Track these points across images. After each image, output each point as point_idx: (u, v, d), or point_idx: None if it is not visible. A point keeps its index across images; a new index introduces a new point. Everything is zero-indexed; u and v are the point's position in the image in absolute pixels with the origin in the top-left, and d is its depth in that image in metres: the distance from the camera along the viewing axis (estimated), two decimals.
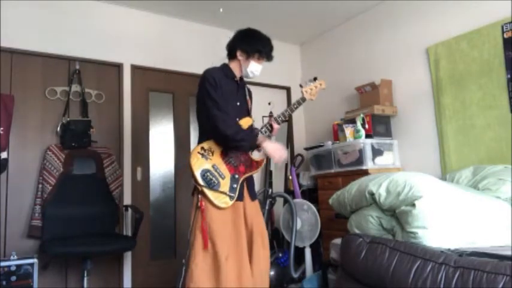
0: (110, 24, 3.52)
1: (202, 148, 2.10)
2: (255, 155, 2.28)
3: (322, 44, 4.44)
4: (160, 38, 3.78)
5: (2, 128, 2.78)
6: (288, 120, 4.42)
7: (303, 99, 2.40)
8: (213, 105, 2.08)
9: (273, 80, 4.38)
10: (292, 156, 4.23)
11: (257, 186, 4.15)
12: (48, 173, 2.98)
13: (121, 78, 3.52)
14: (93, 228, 2.96)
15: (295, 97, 4.55)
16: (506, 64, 2.74)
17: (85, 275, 2.78)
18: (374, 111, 3.36)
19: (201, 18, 3.84)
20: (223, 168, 2.10)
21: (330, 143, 3.61)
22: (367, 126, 3.35)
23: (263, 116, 4.01)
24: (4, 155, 2.81)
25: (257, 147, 2.20)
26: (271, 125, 2.27)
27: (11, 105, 2.90)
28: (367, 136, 3.33)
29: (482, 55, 2.89)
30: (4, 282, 2.59)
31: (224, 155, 2.12)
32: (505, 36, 2.76)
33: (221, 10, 3.58)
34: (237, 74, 2.29)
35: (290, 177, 3.97)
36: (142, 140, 3.58)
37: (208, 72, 2.19)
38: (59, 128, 3.15)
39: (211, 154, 2.09)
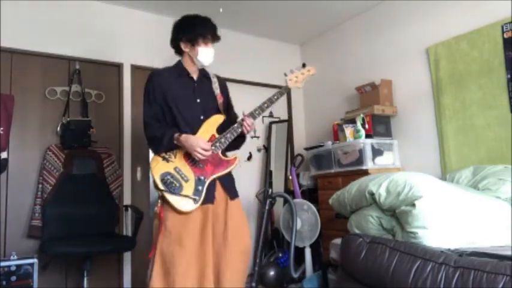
0: (110, 24, 3.52)
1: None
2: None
3: (322, 44, 4.44)
4: (160, 38, 3.74)
5: (2, 128, 2.78)
6: (288, 120, 4.42)
7: (286, 89, 2.26)
8: (143, 113, 2.11)
9: (273, 80, 4.38)
10: (292, 156, 4.23)
11: (257, 186, 4.18)
12: (48, 173, 2.98)
13: (121, 78, 3.52)
14: (93, 228, 2.96)
15: (295, 97, 4.56)
16: (506, 64, 2.74)
17: (85, 275, 2.78)
18: (374, 111, 3.36)
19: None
20: (187, 170, 1.97)
21: (330, 143, 3.60)
22: (367, 126, 3.35)
23: (263, 116, 4.01)
24: (4, 155, 2.81)
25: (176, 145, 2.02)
26: (242, 120, 2.09)
27: (11, 105, 2.89)
28: (367, 136, 3.33)
29: (482, 55, 2.89)
30: (4, 282, 2.59)
31: (188, 156, 1.99)
32: (505, 36, 2.76)
33: (221, 10, 3.58)
34: (191, 69, 2.16)
35: (290, 177, 3.97)
36: (142, 140, 3.55)
37: (152, 75, 2.14)
38: (59, 128, 3.15)
39: (173, 156, 1.98)
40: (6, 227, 2.91)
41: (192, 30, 2.11)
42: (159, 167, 1.95)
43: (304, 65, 2.32)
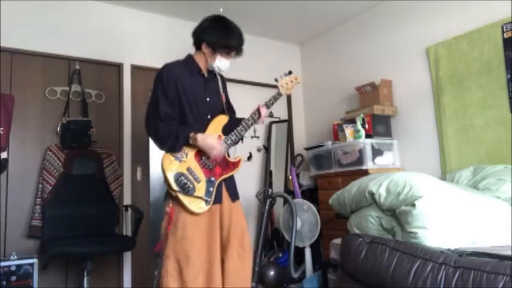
0: (110, 24, 3.52)
1: None
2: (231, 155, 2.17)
3: (322, 44, 4.44)
4: (160, 38, 3.78)
5: (2, 128, 2.78)
6: (288, 120, 4.42)
7: (279, 94, 2.24)
8: (154, 110, 1.98)
9: (273, 80, 4.38)
10: (292, 156, 4.23)
11: (257, 186, 4.18)
12: (48, 173, 2.98)
13: (121, 78, 3.52)
14: (93, 228, 2.96)
15: (295, 97, 4.56)
16: (506, 64, 2.74)
17: (85, 275, 2.78)
18: (374, 111, 3.36)
19: (201, 18, 3.83)
20: (199, 171, 1.97)
21: (330, 143, 3.60)
22: (367, 126, 3.35)
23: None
24: (4, 155, 2.82)
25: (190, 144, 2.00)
26: (259, 112, 2.12)
27: (11, 105, 2.90)
28: (367, 136, 3.33)
29: (482, 55, 2.89)
30: (4, 282, 2.59)
31: (199, 156, 1.99)
32: (505, 36, 2.76)
33: (221, 10, 3.57)
34: (203, 67, 2.11)
35: (290, 177, 3.97)
36: (142, 140, 3.57)
37: (166, 69, 2.03)
38: (59, 128, 3.15)
39: (185, 156, 1.96)
40: (6, 227, 2.91)
41: (220, 36, 2.04)
42: (172, 166, 1.92)
43: (290, 72, 2.32)
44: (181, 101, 2.02)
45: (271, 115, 4.35)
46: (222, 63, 2.09)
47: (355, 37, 4.00)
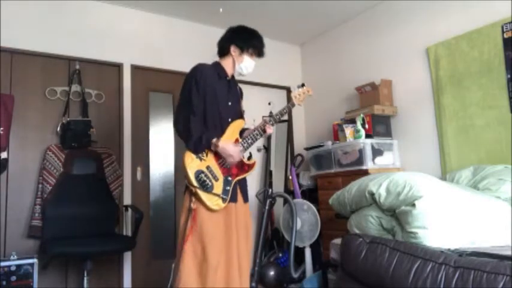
0: (110, 24, 3.52)
1: None
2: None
3: (322, 44, 4.44)
4: (160, 38, 3.78)
5: (2, 128, 2.78)
6: (288, 120, 4.42)
7: (293, 105, 2.42)
8: (188, 105, 2.09)
9: (273, 80, 4.39)
10: (292, 156, 4.23)
11: (257, 186, 4.18)
12: (48, 173, 2.98)
13: (121, 78, 3.52)
14: (93, 228, 2.96)
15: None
16: (506, 64, 2.74)
17: (85, 275, 2.79)
18: (374, 111, 3.36)
19: (201, 18, 3.83)
20: (217, 170, 2.07)
21: (330, 143, 3.61)
22: (367, 126, 3.35)
23: (263, 116, 3.97)
24: (4, 155, 2.82)
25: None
26: (264, 130, 2.25)
27: (11, 105, 2.90)
28: (367, 136, 3.33)
29: (482, 55, 2.89)
30: (4, 282, 2.59)
31: (218, 156, 2.09)
32: (505, 36, 2.76)
33: (221, 10, 3.58)
34: (229, 72, 2.26)
35: (290, 177, 3.97)
36: (142, 140, 3.58)
37: (200, 68, 2.16)
38: (59, 128, 3.15)
39: (205, 155, 2.06)
40: (6, 227, 2.91)
41: (248, 39, 2.25)
42: (193, 164, 2.02)
43: (303, 85, 2.47)
44: (206, 101, 2.13)
45: (271, 115, 4.35)
46: (248, 64, 2.26)
47: (355, 37, 4.00)
